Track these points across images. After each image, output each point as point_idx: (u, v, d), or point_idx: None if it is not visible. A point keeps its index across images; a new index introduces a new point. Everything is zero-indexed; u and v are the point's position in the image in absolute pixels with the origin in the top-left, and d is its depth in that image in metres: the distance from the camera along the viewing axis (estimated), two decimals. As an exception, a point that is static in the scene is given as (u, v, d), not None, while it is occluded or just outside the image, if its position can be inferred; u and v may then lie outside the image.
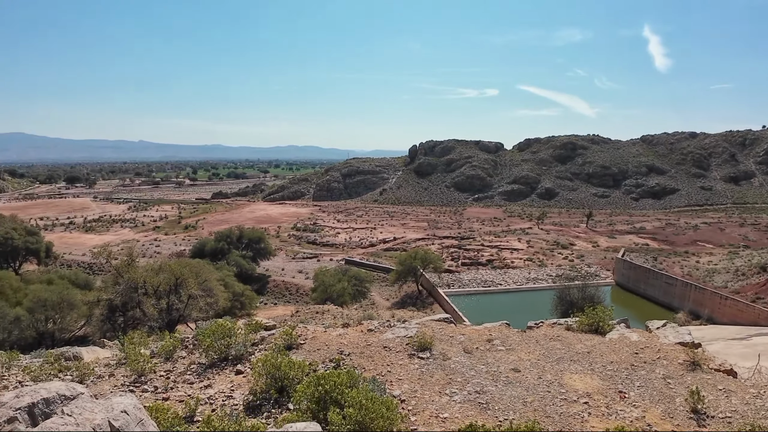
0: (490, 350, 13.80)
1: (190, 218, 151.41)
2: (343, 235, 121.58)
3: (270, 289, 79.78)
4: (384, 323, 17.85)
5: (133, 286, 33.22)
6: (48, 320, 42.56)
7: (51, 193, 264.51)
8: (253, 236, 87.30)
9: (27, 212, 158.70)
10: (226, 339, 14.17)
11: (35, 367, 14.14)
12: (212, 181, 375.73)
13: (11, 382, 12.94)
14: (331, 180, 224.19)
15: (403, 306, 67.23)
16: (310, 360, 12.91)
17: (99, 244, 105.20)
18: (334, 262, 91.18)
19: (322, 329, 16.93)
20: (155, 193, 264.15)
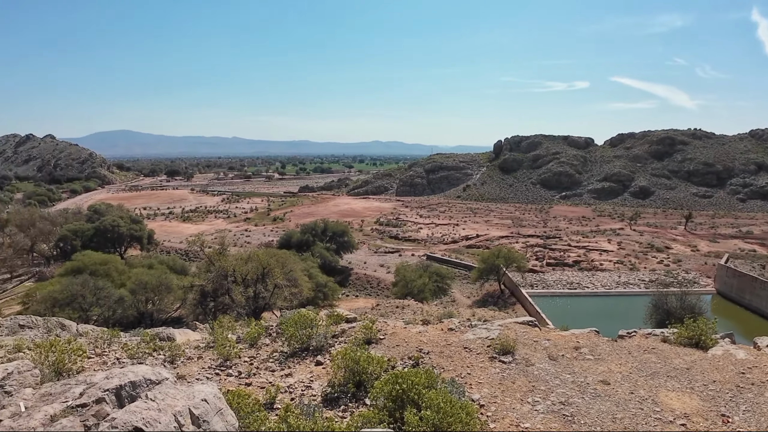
0: (577, 359, 13.03)
1: (279, 210, 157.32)
2: (426, 230, 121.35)
3: (352, 282, 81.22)
4: (465, 322, 17.49)
5: (224, 274, 34.93)
6: (148, 301, 45.88)
7: (153, 185, 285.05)
8: (337, 229, 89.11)
9: (132, 202, 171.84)
10: (308, 329, 14.43)
11: (133, 345, 15.08)
12: (299, 175, 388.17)
13: (110, 358, 13.84)
14: (415, 175, 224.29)
15: (484, 305, 65.97)
16: (388, 356, 12.84)
17: (194, 233, 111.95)
18: (415, 257, 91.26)
19: (401, 325, 16.84)
20: (246, 187, 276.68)
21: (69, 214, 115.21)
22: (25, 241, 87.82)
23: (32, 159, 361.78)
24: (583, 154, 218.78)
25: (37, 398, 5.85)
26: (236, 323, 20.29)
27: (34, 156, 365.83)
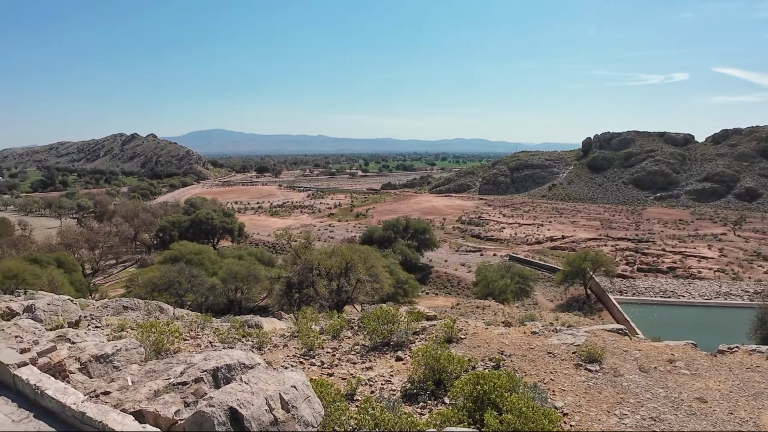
0: (671, 372, 12.22)
1: (361, 207, 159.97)
2: (509, 230, 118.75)
3: (432, 280, 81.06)
4: (548, 326, 16.96)
5: (309, 267, 36.06)
6: (237, 290, 48.33)
7: (244, 181, 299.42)
8: (419, 227, 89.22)
9: (224, 197, 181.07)
10: (390, 325, 14.60)
11: (224, 330, 15.96)
12: (382, 172, 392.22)
13: (203, 341, 14.71)
14: (498, 173, 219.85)
15: (569, 309, 63.58)
16: (469, 356, 12.72)
17: (281, 227, 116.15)
18: (497, 257, 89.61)
19: (482, 325, 16.61)
20: (331, 183, 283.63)
21: (168, 206, 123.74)
22: (129, 230, 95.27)
23: (136, 156, 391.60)
24: (681, 152, 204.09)
25: (143, 374, 6.36)
26: (319, 315, 20.90)
27: (138, 153, 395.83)
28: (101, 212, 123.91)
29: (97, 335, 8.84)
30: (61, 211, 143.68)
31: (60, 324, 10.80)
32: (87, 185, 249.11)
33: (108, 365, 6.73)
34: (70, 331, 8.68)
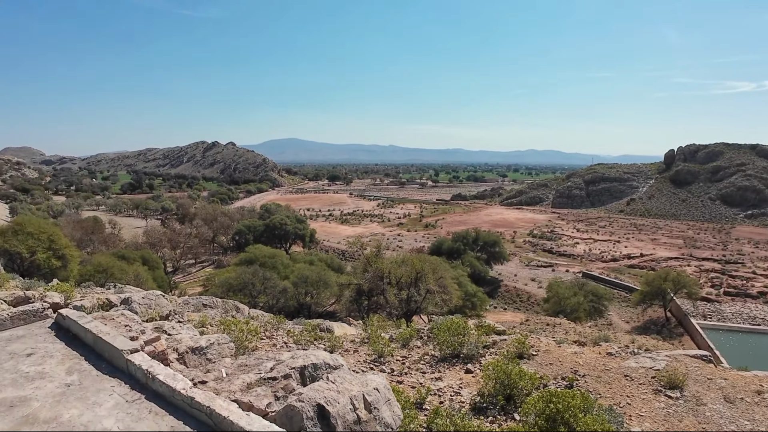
0: (759, 404, 11.50)
1: (431, 217, 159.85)
2: (582, 245, 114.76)
3: (501, 294, 79.73)
4: (624, 348, 16.39)
5: (380, 275, 36.53)
6: (307, 294, 49.71)
7: (316, 189, 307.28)
8: (489, 239, 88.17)
9: (297, 203, 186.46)
10: (460, 337, 14.62)
11: (297, 332, 16.54)
12: (452, 183, 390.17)
13: (278, 341, 15.32)
14: (573, 186, 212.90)
15: (645, 332, 60.54)
16: (541, 373, 12.53)
17: (351, 234, 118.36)
18: (570, 273, 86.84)
19: (554, 343, 16.29)
20: (401, 193, 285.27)
21: (244, 211, 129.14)
22: (208, 232, 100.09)
23: (216, 162, 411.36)
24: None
25: (235, 367, 6.85)
26: (387, 323, 21.17)
27: (218, 160, 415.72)
28: (183, 215, 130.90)
29: (189, 329, 9.53)
30: (147, 212, 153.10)
31: (153, 317, 11.65)
32: (171, 189, 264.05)
33: (202, 357, 7.29)
34: (166, 324, 9.41)
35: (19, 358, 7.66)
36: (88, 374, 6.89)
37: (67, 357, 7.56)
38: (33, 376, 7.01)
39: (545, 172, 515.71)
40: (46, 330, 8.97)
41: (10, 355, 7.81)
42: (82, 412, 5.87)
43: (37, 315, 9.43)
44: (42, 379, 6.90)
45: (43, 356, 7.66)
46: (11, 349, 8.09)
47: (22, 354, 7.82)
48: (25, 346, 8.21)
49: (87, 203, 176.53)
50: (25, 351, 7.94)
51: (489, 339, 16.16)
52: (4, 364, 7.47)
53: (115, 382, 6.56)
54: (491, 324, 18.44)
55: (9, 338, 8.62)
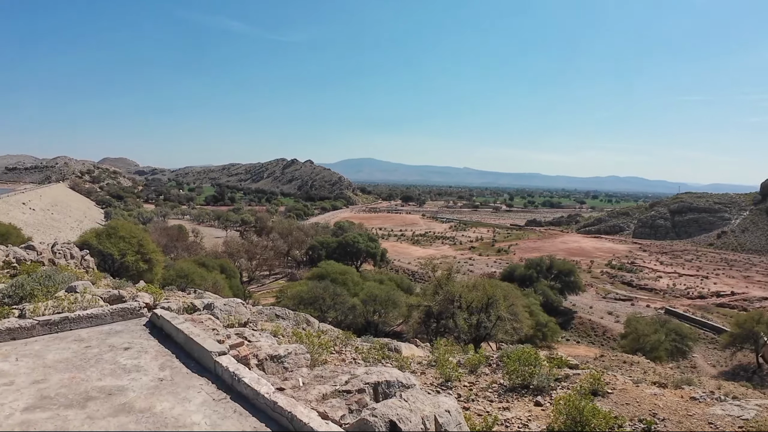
0: None
1: (503, 242, 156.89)
2: (666, 280, 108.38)
3: (574, 326, 76.70)
4: (709, 393, 15.37)
5: (450, 299, 36.26)
6: (375, 312, 50.12)
7: (389, 209, 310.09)
8: (564, 268, 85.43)
9: (370, 222, 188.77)
10: (530, 367, 14.29)
11: (365, 350, 16.75)
12: (527, 208, 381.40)
13: (347, 357, 15.59)
14: (657, 216, 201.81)
15: (734, 378, 56.04)
16: (616, 413, 12.01)
17: (422, 256, 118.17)
18: (650, 309, 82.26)
19: (631, 382, 15.55)
20: (473, 216, 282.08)
21: (319, 227, 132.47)
22: (283, 246, 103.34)
23: (294, 179, 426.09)
24: None
25: (311, 378, 7.15)
26: (454, 347, 20.98)
27: (296, 177, 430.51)
28: (261, 227, 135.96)
29: (268, 337, 9.99)
30: (227, 223, 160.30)
31: (233, 323, 12.26)
32: (251, 202, 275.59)
33: (280, 365, 7.63)
34: (246, 331, 9.91)
35: (117, 351, 8.37)
36: (178, 371, 7.43)
37: (160, 353, 8.19)
38: (129, 368, 7.65)
39: (627, 200, 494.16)
40: (141, 327, 9.74)
41: (109, 348, 8.56)
42: (173, 406, 6.35)
43: (134, 313, 10.25)
44: (137, 372, 7.51)
45: (138, 351, 8.34)
46: (111, 342, 8.86)
47: (120, 347, 8.55)
48: (122, 340, 8.96)
49: (173, 212, 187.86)
50: (123, 345, 8.66)
51: (561, 372, 15.66)
52: (104, 356, 8.19)
53: (203, 380, 7.04)
54: (563, 357, 17.86)
55: (109, 332, 9.44)
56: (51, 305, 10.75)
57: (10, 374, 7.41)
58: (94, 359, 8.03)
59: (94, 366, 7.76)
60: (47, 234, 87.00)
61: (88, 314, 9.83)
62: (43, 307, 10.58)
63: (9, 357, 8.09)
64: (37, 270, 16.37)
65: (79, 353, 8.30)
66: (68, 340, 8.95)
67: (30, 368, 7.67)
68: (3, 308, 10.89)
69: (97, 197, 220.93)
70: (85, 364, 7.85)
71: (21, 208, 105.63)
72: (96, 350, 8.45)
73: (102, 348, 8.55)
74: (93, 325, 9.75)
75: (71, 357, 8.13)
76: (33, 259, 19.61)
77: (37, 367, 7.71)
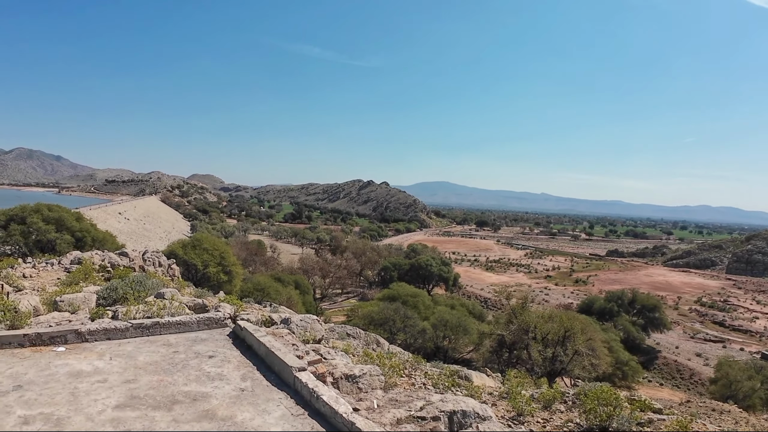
0: None
1: (582, 273, 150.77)
2: (763, 321, 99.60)
3: (658, 366, 71.99)
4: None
5: (525, 329, 35.12)
6: (445, 338, 49.32)
7: (463, 233, 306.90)
8: (648, 303, 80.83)
9: (443, 246, 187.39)
10: (610, 408, 13.52)
11: (434, 375, 16.49)
12: (608, 237, 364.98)
13: (417, 381, 15.40)
14: (754, 250, 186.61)
15: None
16: (706, 463, 11.12)
17: (496, 282, 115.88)
18: (745, 352, 75.80)
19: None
20: (551, 244, 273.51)
21: (392, 249, 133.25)
22: (356, 265, 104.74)
23: (370, 200, 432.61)
24: None
25: (386, 400, 7.17)
26: (526, 380, 20.22)
27: (371, 198, 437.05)
28: (335, 246, 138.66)
29: (343, 356, 10.12)
30: (304, 240, 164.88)
31: (308, 339, 12.51)
32: (326, 221, 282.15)
33: (354, 385, 7.70)
34: (322, 348, 10.09)
35: (202, 359, 8.79)
36: (259, 383, 7.69)
37: (242, 364, 8.51)
38: (213, 376, 8.00)
39: (719, 232, 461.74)
40: (224, 337, 10.18)
41: (195, 355, 9.00)
42: (253, 416, 6.56)
43: (218, 323, 10.73)
44: (220, 380, 7.84)
45: (222, 360, 8.71)
46: (196, 349, 9.31)
47: (205, 355, 8.96)
48: (207, 348, 9.39)
49: (254, 227, 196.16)
50: (208, 353, 9.08)
51: (644, 416, 14.65)
52: (190, 362, 8.62)
53: (282, 394, 7.23)
54: (646, 399, 16.77)
55: (195, 339, 9.93)
56: (141, 309, 11.49)
57: (105, 372, 7.98)
58: (181, 364, 8.48)
59: (181, 371, 8.18)
60: (139, 242, 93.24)
61: (177, 321, 10.41)
62: (135, 310, 11.32)
63: (104, 356, 8.71)
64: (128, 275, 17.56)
65: (168, 357, 8.80)
66: (158, 344, 9.51)
67: (122, 368, 8.22)
68: (99, 309, 11.76)
69: (185, 210, 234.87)
70: (172, 368, 8.30)
71: (117, 217, 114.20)
72: (183, 356, 8.91)
73: (188, 354, 9.00)
74: (180, 332, 10.31)
75: (160, 360, 8.63)
76: (125, 265, 20.97)
77: (128, 368, 8.25)
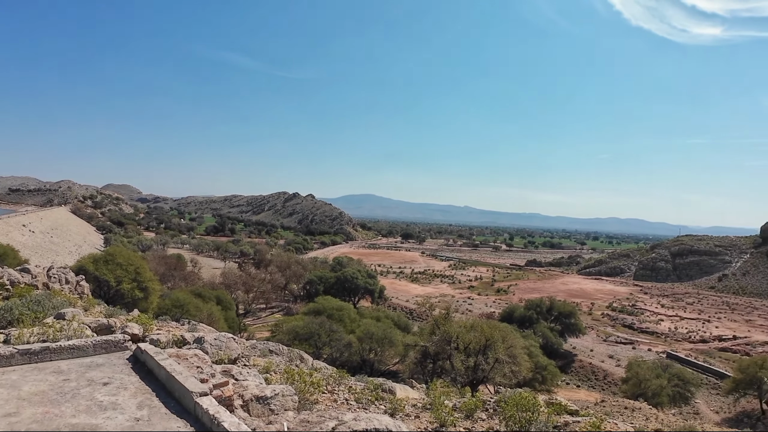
0: None
1: (503, 282, 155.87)
2: (667, 323, 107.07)
3: (574, 369, 75.31)
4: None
5: (447, 339, 35.53)
6: (371, 351, 49.16)
7: (389, 245, 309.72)
8: (564, 309, 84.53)
9: (369, 258, 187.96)
10: (528, 413, 13.76)
11: (358, 390, 16.19)
12: (527, 248, 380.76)
13: (340, 397, 15.04)
14: (657, 258, 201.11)
15: (738, 425, 54.72)
16: (618, 463, 11.49)
17: (421, 294, 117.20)
18: (652, 353, 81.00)
19: (633, 430, 14.99)
20: (473, 255, 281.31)
21: (317, 262, 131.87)
22: (281, 279, 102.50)
23: (295, 213, 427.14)
24: None
25: (297, 422, 6.75)
26: (450, 390, 20.33)
27: (297, 210, 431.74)
28: (259, 260, 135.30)
29: (256, 376, 9.57)
30: (226, 254, 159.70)
31: (222, 359, 11.85)
32: (251, 234, 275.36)
33: (266, 407, 7.24)
34: (234, 368, 9.51)
35: (95, 386, 7.97)
36: (157, 411, 7.03)
37: (140, 390, 7.79)
38: (106, 405, 7.25)
39: (627, 242, 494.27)
40: (124, 361, 9.34)
41: (88, 382, 8.16)
42: (146, 449, 5.96)
43: (118, 346, 9.87)
44: (114, 410, 7.10)
45: (118, 387, 7.94)
46: (90, 376, 8.46)
47: (99, 382, 8.15)
48: (102, 374, 8.56)
49: (173, 241, 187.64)
50: (102, 380, 8.26)
51: (560, 419, 15.04)
52: (81, 390, 7.80)
53: (182, 422, 6.64)
54: (563, 402, 17.25)
55: (90, 365, 9.04)
56: (36, 332, 10.42)
57: (-17, 405, 7.06)
58: (71, 394, 7.65)
59: (70, 401, 7.38)
60: (45, 257, 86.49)
61: (70, 345, 9.46)
62: (28, 333, 10.25)
63: (-17, 387, 7.73)
64: (30, 293, 16.05)
65: (56, 386, 7.93)
66: (47, 372, 8.58)
67: (4, 399, 7.33)
68: (-12, 333, 10.58)
69: (98, 223, 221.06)
70: (61, 398, 7.48)
71: (20, 230, 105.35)
72: (74, 384, 8.07)
73: (80, 382, 8.16)
74: (74, 357, 9.38)
75: (47, 390, 7.76)
76: (27, 282, 19.25)
77: (11, 399, 7.36)
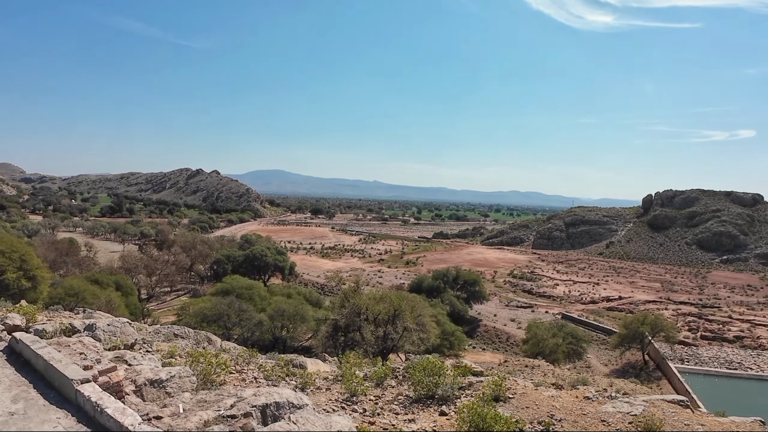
0: (738, 451, 11.29)
1: (412, 254, 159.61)
2: (562, 287, 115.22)
3: (480, 334, 79.14)
4: (602, 392, 16.13)
5: (357, 311, 35.90)
6: (283, 328, 48.80)
7: (298, 221, 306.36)
8: (469, 278, 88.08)
9: (278, 235, 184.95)
10: (435, 377, 14.23)
11: (268, 367, 15.98)
12: (434, 221, 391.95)
13: (248, 376, 14.77)
14: (553, 228, 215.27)
15: (624, 375, 60.33)
16: (516, 417, 12.17)
17: (331, 269, 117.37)
18: (549, 314, 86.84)
19: (531, 386, 15.98)
20: (383, 229, 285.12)
21: (224, 241, 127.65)
22: (186, 260, 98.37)
23: (199, 190, 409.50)
24: (749, 213, 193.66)
25: (194, 403, 6.46)
26: (363, 361, 20.62)
27: (201, 188, 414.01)
28: (162, 241, 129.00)
29: (152, 360, 9.09)
30: (125, 236, 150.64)
31: (117, 345, 11.15)
32: (151, 214, 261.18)
33: (161, 390, 6.89)
34: (128, 353, 8.96)
35: (-36, 384, 7.17)
36: (34, 403, 6.44)
37: (15, 383, 7.10)
38: (-25, 404, 6.54)
39: (526, 213, 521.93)
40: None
41: (-45, 381, 7.32)
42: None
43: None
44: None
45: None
46: (-43, 373, 7.60)
47: (-32, 379, 7.33)
48: (-28, 371, 7.71)
49: (64, 224, 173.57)
50: (-28, 376, 7.44)
51: (465, 380, 15.77)
52: (-54, 390, 6.98)
53: (62, 413, 6.13)
54: (468, 365, 18.06)
55: (-43, 362, 8.12)
56: None
57: None
58: (-66, 394, 6.82)
59: (-70, 403, 6.57)
60: None
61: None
62: None
63: None
64: None
65: None
66: None
67: None
68: None
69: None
70: None
71: None
72: (-62, 383, 7.20)
73: (-54, 380, 7.30)
74: (-61, 354, 8.37)
75: None
76: None
77: None
